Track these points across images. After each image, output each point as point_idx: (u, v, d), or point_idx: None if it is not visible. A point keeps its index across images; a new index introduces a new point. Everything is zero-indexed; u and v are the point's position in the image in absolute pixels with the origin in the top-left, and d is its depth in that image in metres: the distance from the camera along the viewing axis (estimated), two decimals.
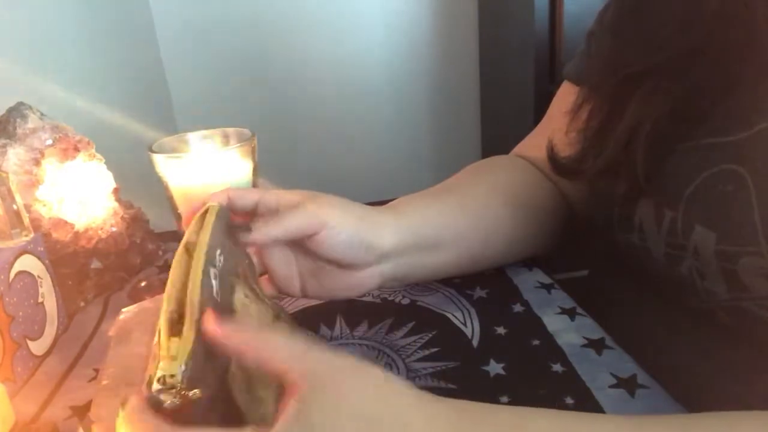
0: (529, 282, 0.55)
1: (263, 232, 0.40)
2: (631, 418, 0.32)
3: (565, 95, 0.54)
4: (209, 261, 0.32)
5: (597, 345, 0.45)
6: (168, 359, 0.28)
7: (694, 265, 0.39)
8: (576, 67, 0.55)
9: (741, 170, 0.36)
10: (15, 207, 0.47)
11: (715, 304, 0.39)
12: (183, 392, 0.27)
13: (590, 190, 0.51)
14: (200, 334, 0.29)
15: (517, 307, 0.51)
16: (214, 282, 0.32)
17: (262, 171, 0.57)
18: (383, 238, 0.45)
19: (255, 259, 0.44)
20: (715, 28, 0.38)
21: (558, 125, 0.52)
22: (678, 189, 0.40)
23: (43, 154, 0.55)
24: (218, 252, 0.34)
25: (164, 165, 0.55)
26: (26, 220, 0.49)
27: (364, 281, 0.46)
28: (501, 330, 0.48)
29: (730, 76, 0.38)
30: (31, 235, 0.49)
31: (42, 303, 0.50)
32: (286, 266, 0.45)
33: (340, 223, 0.43)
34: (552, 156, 0.51)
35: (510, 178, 0.57)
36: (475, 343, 0.46)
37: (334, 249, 0.43)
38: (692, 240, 0.39)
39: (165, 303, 0.31)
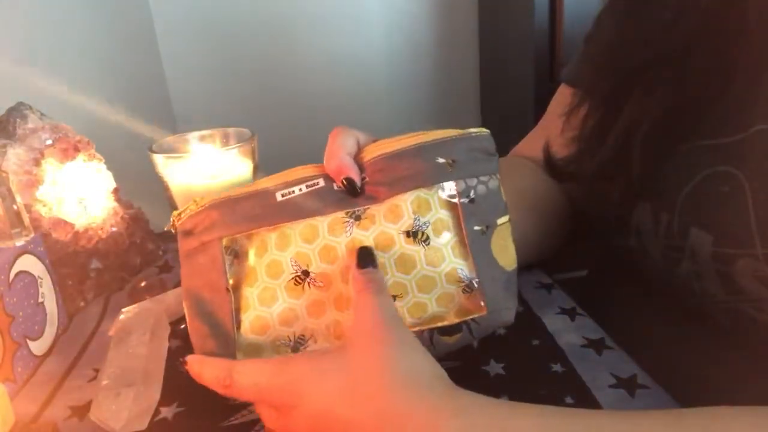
0: (529, 282, 0.55)
1: None
2: (619, 411, 0.32)
3: (562, 98, 0.54)
4: None
5: (597, 345, 0.45)
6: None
7: (691, 267, 0.39)
8: (574, 70, 0.55)
9: (736, 172, 0.36)
10: (15, 207, 0.47)
11: (712, 305, 0.39)
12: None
13: (587, 193, 0.51)
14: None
15: (517, 307, 0.51)
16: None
17: (262, 171, 0.57)
18: None
19: None
20: (710, 18, 0.38)
21: (554, 127, 0.52)
22: (674, 191, 0.40)
23: (43, 154, 0.55)
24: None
25: (164, 165, 0.55)
26: (26, 220, 0.48)
27: None
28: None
29: (726, 71, 0.38)
30: (31, 235, 0.49)
31: (42, 303, 0.50)
32: None
33: None
34: (548, 158, 0.51)
35: (513, 184, 0.56)
36: (475, 343, 0.46)
37: None
38: (689, 242, 0.39)
39: None
